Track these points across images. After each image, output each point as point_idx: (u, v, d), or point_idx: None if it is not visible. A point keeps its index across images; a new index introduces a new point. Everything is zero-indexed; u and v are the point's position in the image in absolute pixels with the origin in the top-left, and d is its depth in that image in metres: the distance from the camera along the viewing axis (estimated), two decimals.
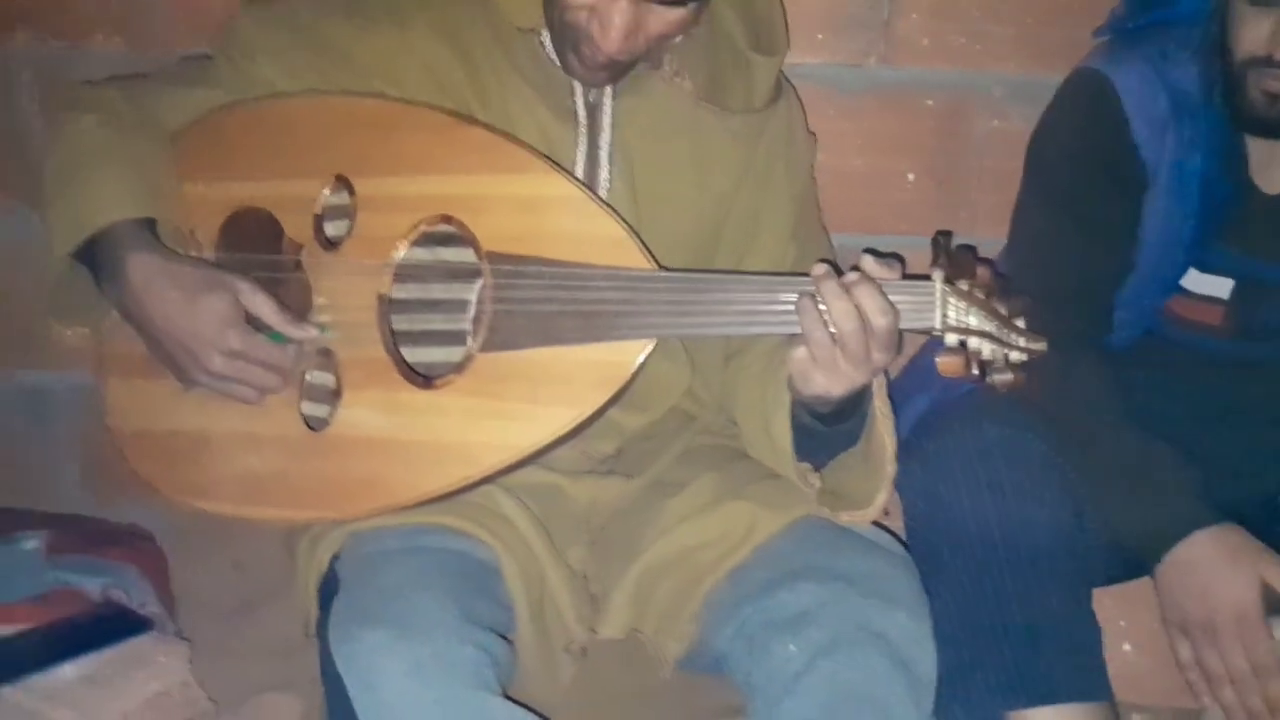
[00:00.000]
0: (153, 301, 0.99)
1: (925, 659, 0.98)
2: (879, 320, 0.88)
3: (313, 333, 1.03)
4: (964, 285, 0.88)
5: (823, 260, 0.93)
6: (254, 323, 1.01)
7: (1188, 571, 1.07)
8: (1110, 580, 1.19)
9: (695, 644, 1.07)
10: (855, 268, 0.91)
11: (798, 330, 0.91)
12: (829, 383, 0.92)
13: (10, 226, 1.41)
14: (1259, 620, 1.05)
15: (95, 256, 1.02)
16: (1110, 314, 1.22)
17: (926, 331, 0.89)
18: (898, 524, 1.18)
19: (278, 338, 1.01)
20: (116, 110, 1.08)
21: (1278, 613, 1.06)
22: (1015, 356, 0.88)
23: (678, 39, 1.07)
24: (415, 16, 1.09)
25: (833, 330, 0.89)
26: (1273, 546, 1.16)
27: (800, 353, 0.92)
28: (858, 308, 0.88)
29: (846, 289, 0.88)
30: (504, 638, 1.00)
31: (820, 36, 1.44)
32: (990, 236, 1.46)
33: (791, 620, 0.98)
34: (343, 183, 1.04)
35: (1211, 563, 1.06)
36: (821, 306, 0.89)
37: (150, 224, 1.03)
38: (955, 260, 0.88)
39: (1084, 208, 1.19)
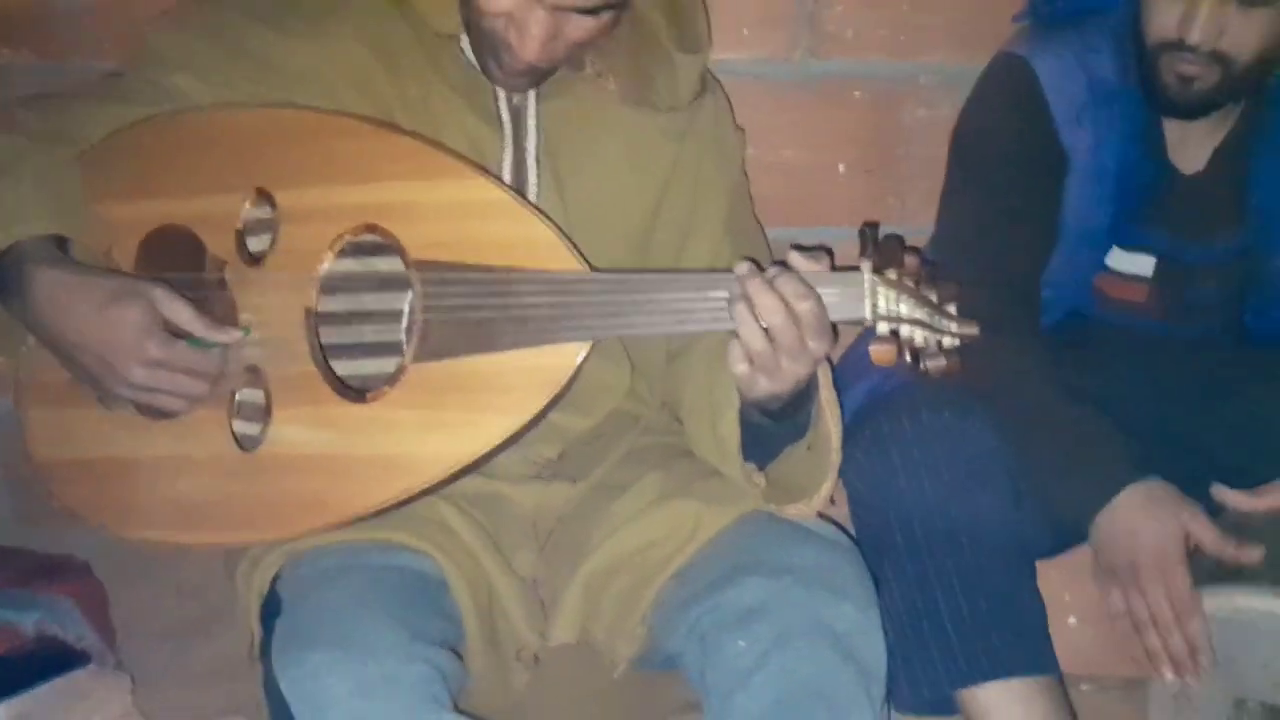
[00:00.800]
0: (62, 316, 0.96)
1: (873, 649, 0.98)
2: (801, 305, 0.89)
3: (235, 335, 1.00)
4: (892, 274, 0.88)
5: (753, 257, 0.93)
6: (173, 330, 0.98)
7: (1118, 519, 1.10)
8: (1051, 553, 1.21)
9: (647, 645, 1.07)
10: (782, 263, 0.92)
11: (730, 326, 0.92)
12: (773, 384, 0.93)
13: None
14: (1179, 561, 1.08)
15: (2, 279, 0.98)
16: (1037, 294, 1.24)
17: (858, 322, 0.90)
18: (842, 511, 1.19)
19: (196, 344, 0.99)
20: (27, 129, 1.04)
21: (1207, 581, 1.09)
22: (947, 342, 0.89)
23: (598, 43, 1.06)
24: (337, 23, 1.07)
25: (768, 329, 0.89)
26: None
27: (741, 367, 0.92)
28: (781, 298, 0.88)
29: (769, 283, 0.89)
30: (454, 650, 0.99)
31: (746, 31, 1.45)
32: (922, 225, 1.48)
33: (741, 617, 0.98)
34: (264, 196, 1.02)
35: (1137, 509, 1.10)
36: (754, 310, 0.89)
37: (60, 242, 1.00)
38: (883, 250, 0.89)
39: (1008, 192, 1.21)
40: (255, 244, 1.04)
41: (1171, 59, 1.12)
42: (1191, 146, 1.23)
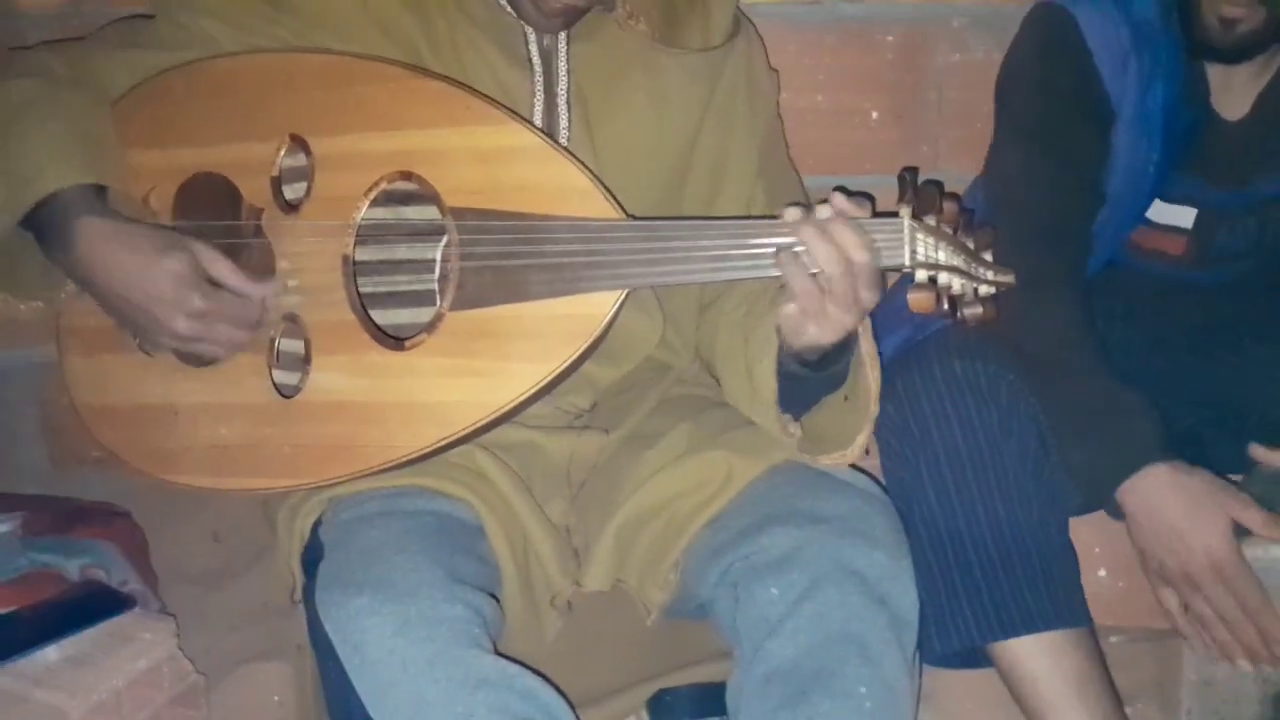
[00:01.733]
0: (108, 268, 0.97)
1: (905, 597, 0.99)
2: (860, 256, 0.88)
3: (273, 287, 1.01)
4: (931, 221, 0.87)
5: (789, 200, 0.92)
6: (213, 283, 0.99)
7: (1156, 519, 1.08)
8: (1083, 510, 1.21)
9: (679, 592, 1.08)
10: (824, 202, 0.91)
11: (768, 274, 0.91)
12: (820, 331, 0.92)
13: None
14: (1238, 564, 1.06)
15: (40, 225, 0.99)
16: (1089, 247, 1.22)
17: (896, 268, 0.89)
18: (873, 462, 1.20)
19: None
20: (53, 74, 1.04)
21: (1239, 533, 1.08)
22: (984, 290, 0.89)
23: None
24: None
25: (819, 277, 0.88)
26: (1235, 466, 1.19)
27: (789, 308, 0.91)
28: (838, 247, 0.87)
29: (823, 230, 0.88)
30: (490, 595, 1.00)
31: None
32: (954, 170, 1.46)
33: (772, 564, 0.98)
34: (299, 143, 1.02)
35: (1179, 510, 1.07)
36: (800, 251, 0.88)
37: (98, 190, 1.00)
38: (922, 196, 0.88)
39: (1056, 142, 1.19)
40: (291, 192, 1.04)
41: (1215, 1, 1.09)
42: (1234, 92, 1.20)
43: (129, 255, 0.97)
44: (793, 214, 0.90)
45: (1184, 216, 1.25)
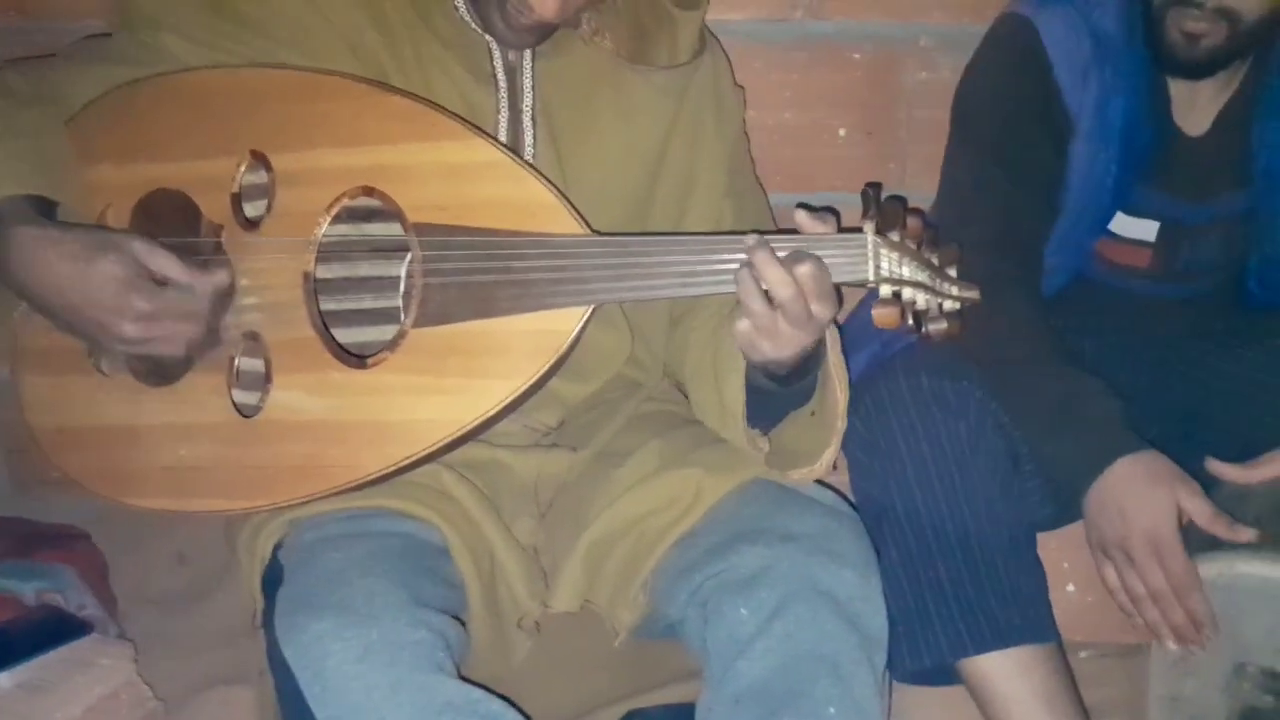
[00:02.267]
0: (44, 278, 0.93)
1: (875, 615, 0.98)
2: (800, 268, 0.88)
3: (222, 279, 0.98)
4: (895, 236, 0.88)
5: (754, 215, 0.91)
6: (157, 280, 0.96)
7: (1107, 494, 1.08)
8: (1052, 524, 1.21)
9: (648, 612, 1.07)
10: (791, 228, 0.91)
11: (734, 290, 0.91)
12: (775, 348, 0.92)
13: None
14: (1173, 541, 1.06)
15: None
16: (1040, 258, 1.23)
17: (860, 284, 0.89)
18: (842, 479, 1.19)
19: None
20: (11, 90, 1.02)
21: (1204, 549, 1.09)
22: (949, 305, 0.89)
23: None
24: None
25: (770, 294, 0.88)
26: (1200, 481, 1.19)
27: (743, 325, 0.91)
28: (792, 274, 0.87)
29: (769, 249, 0.88)
30: (456, 618, 0.99)
31: None
32: (923, 188, 1.47)
33: (742, 583, 0.98)
34: (259, 159, 1.01)
35: (1129, 485, 1.07)
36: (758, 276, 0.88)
37: (48, 208, 0.98)
38: (885, 212, 0.88)
39: (1011, 153, 1.20)
40: (251, 208, 1.02)
41: (1178, 15, 1.11)
42: (1196, 108, 1.21)
43: (63, 263, 0.93)
44: (750, 240, 0.90)
45: (1148, 230, 1.26)
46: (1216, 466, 1.15)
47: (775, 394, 1.01)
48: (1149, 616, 1.08)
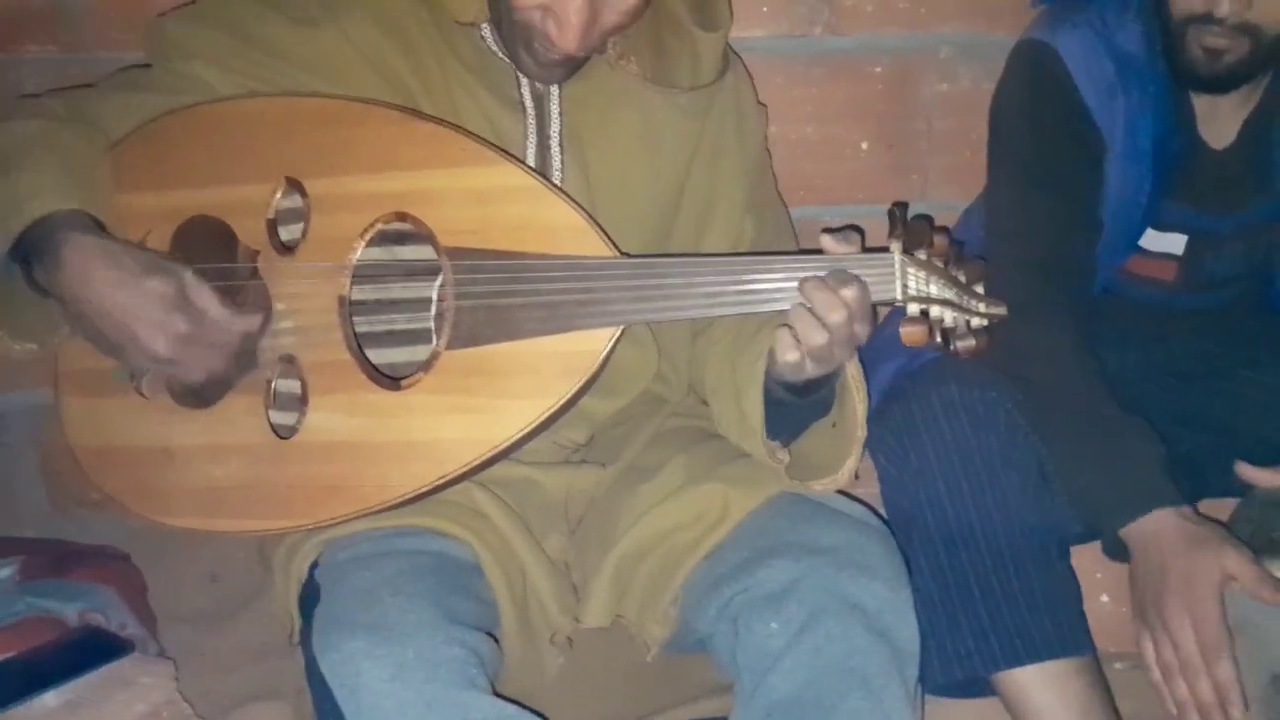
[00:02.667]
0: (93, 282, 0.95)
1: (905, 628, 0.99)
2: (857, 306, 0.90)
3: (255, 322, 1.00)
4: (922, 255, 0.88)
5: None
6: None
7: (1150, 550, 1.07)
8: (1083, 539, 1.21)
9: (678, 627, 1.08)
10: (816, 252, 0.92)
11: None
12: (818, 368, 0.95)
13: None
14: (1210, 603, 1.03)
15: (31, 249, 0.98)
16: (1090, 277, 1.23)
17: (888, 303, 0.90)
18: (871, 491, 1.20)
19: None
20: (55, 116, 1.06)
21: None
22: (976, 322, 0.89)
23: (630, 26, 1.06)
24: (352, 8, 1.07)
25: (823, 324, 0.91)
26: (1231, 490, 1.19)
27: (792, 356, 0.93)
28: (835, 295, 0.89)
29: (826, 283, 0.90)
30: (489, 634, 1.00)
31: (765, 9, 1.44)
32: (944, 198, 1.48)
33: (771, 598, 0.98)
34: (294, 185, 1.03)
35: (1173, 544, 1.06)
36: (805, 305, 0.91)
37: (96, 223, 1.00)
38: (912, 230, 0.89)
39: (1049, 175, 1.20)
40: (287, 233, 1.04)
41: (1199, 32, 1.11)
42: (1220, 121, 1.21)
43: (115, 272, 0.95)
44: (806, 281, 0.91)
45: (1175, 244, 1.26)
46: (1247, 471, 1.14)
47: (794, 406, 1.01)
48: (1177, 693, 1.05)
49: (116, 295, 0.95)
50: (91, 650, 1.10)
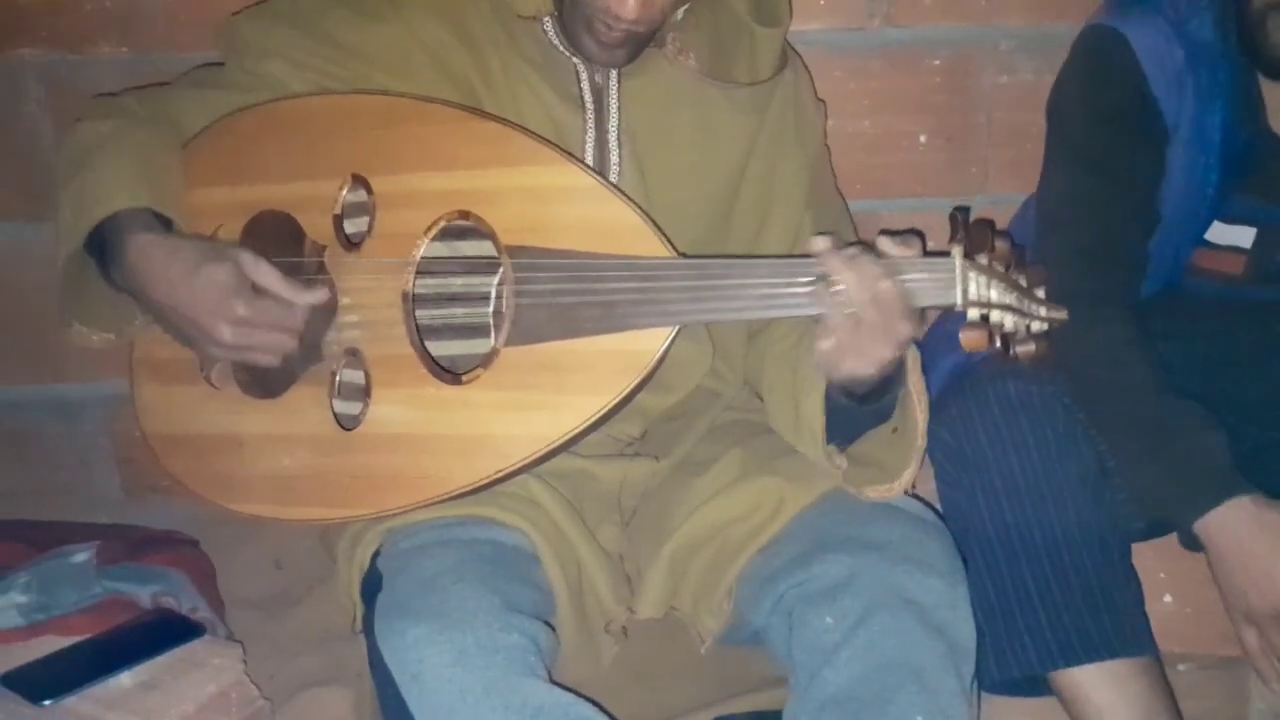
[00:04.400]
0: (156, 281, 0.99)
1: (961, 624, 0.98)
2: (884, 285, 0.88)
3: (320, 296, 1.02)
4: (983, 259, 0.87)
5: (835, 231, 0.92)
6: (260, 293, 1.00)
7: (1243, 556, 1.06)
8: (1145, 536, 1.19)
9: (732, 619, 1.09)
10: (866, 244, 0.91)
11: (815, 311, 0.92)
12: (856, 364, 0.92)
13: (38, 239, 1.42)
14: None
15: (102, 246, 1.02)
16: (1144, 268, 1.21)
17: (949, 308, 0.89)
18: (928, 488, 1.19)
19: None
20: (130, 114, 1.09)
21: None
22: (1036, 327, 0.88)
23: (683, 10, 1.06)
24: (416, 5, 1.09)
25: (850, 309, 0.89)
26: None
27: (825, 344, 0.92)
28: (861, 277, 0.88)
29: (849, 261, 0.88)
30: (546, 623, 1.02)
31: (823, 1, 1.43)
32: (1004, 192, 1.46)
33: (826, 592, 0.99)
34: (360, 181, 1.05)
35: (1269, 547, 1.05)
36: (835, 289, 0.89)
37: (164, 222, 1.04)
38: (973, 235, 0.88)
39: (1109, 163, 1.18)
40: (352, 228, 1.07)
41: None
42: None
43: (174, 265, 0.98)
44: (819, 244, 0.90)
45: (1243, 236, 1.23)
46: None
47: (854, 412, 1.01)
48: None
49: (177, 289, 0.98)
50: (165, 632, 1.13)
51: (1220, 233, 1.22)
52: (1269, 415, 1.24)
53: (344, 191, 1.05)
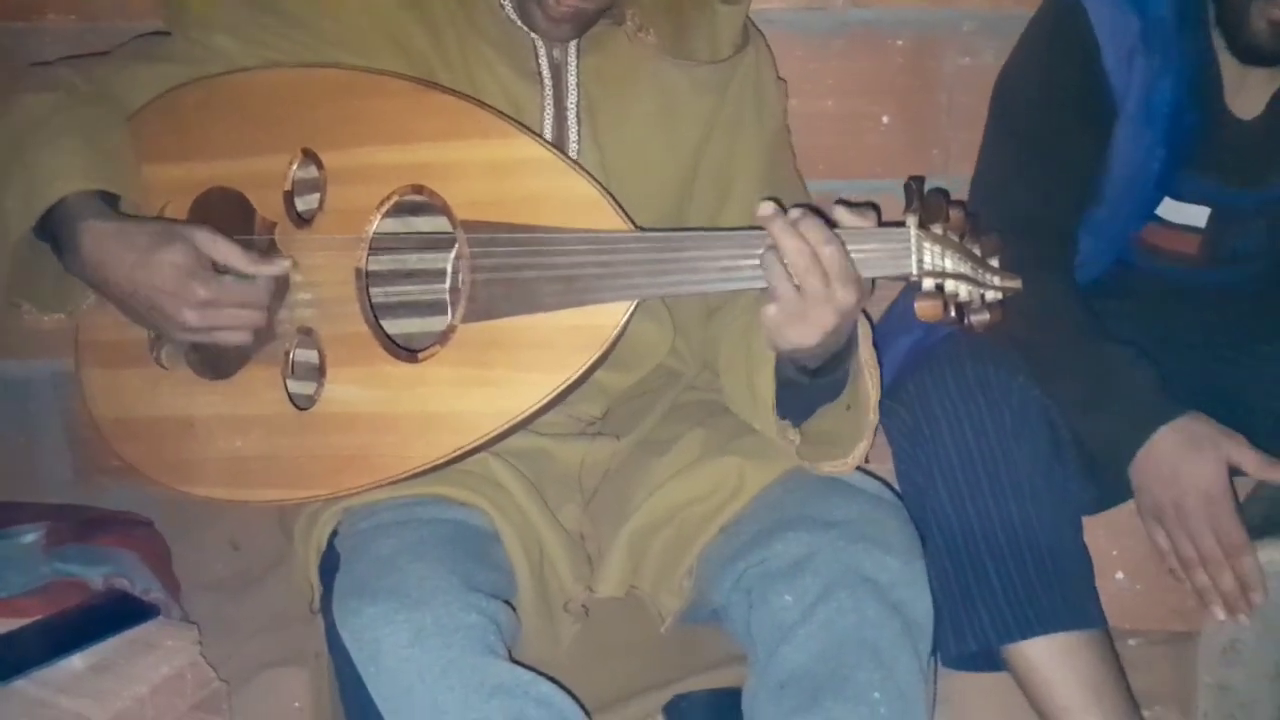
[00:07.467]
0: (112, 267, 0.97)
1: (918, 601, 0.99)
2: (824, 250, 0.87)
3: (283, 265, 1.01)
4: (938, 229, 0.88)
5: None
6: (219, 269, 0.99)
7: (1157, 459, 1.09)
8: (1096, 508, 1.21)
9: (693, 598, 1.09)
10: (815, 209, 0.91)
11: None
12: (800, 332, 0.91)
13: None
14: (1225, 499, 1.07)
15: (52, 232, 1.00)
16: (1072, 242, 1.23)
17: (904, 278, 0.90)
18: (886, 467, 1.20)
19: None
20: (73, 89, 1.06)
21: (1254, 537, 1.08)
22: (991, 296, 0.89)
23: None
24: None
25: (793, 276, 0.88)
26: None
27: (769, 310, 0.91)
28: (805, 241, 0.87)
29: (792, 225, 0.88)
30: (506, 602, 1.01)
31: None
32: (965, 174, 1.45)
33: (786, 570, 0.99)
34: (310, 157, 1.03)
35: (1177, 448, 1.08)
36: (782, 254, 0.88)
37: (110, 199, 1.01)
38: (928, 205, 0.88)
39: (1048, 140, 1.19)
40: (303, 204, 1.05)
41: (1266, 5, 1.09)
42: (1249, 91, 1.19)
43: (128, 252, 0.96)
44: (765, 209, 0.89)
45: (1198, 216, 1.24)
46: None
47: (806, 387, 1.01)
48: (1198, 581, 1.09)
49: (135, 277, 0.96)
50: (116, 614, 1.12)
51: (1174, 210, 1.24)
52: (1216, 397, 1.26)
53: (294, 167, 1.04)
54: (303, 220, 1.04)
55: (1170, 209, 1.23)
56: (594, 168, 1.07)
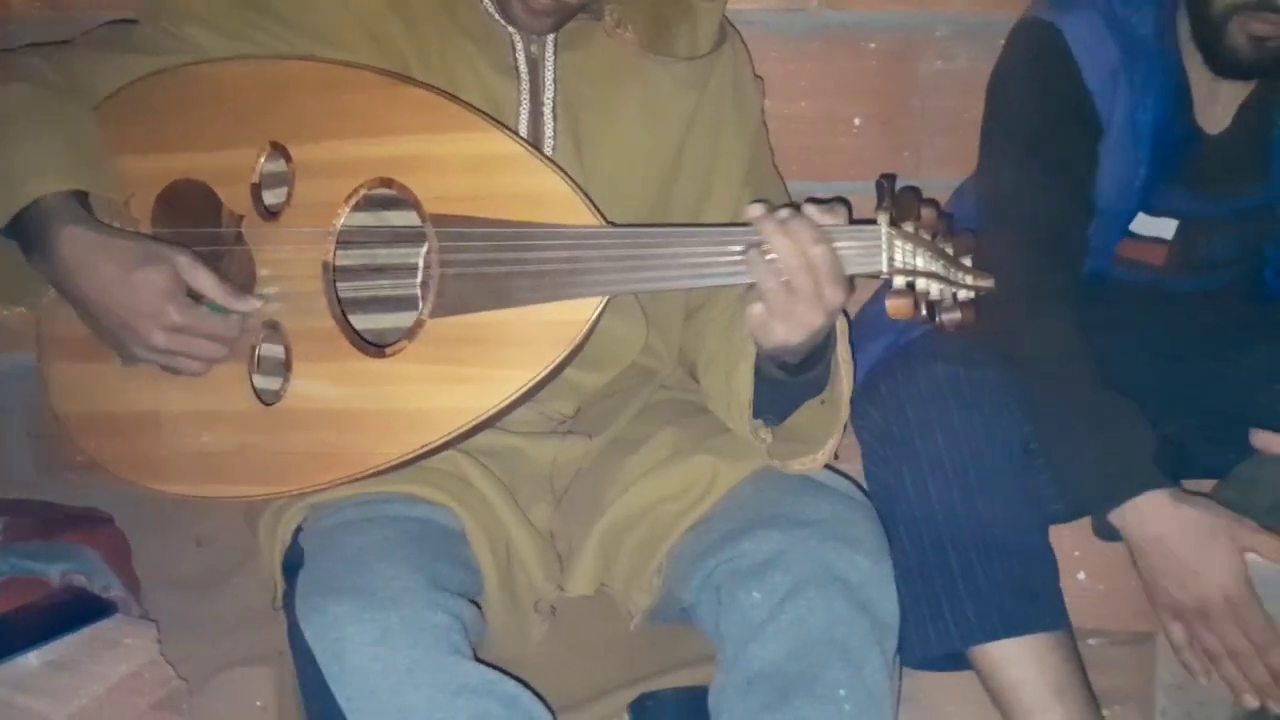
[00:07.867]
0: (87, 277, 0.96)
1: (886, 601, 0.99)
2: (817, 250, 0.88)
3: (255, 304, 1.01)
4: (909, 227, 0.88)
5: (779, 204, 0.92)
6: (194, 295, 0.99)
7: (1166, 552, 1.08)
8: (1065, 518, 1.21)
9: (662, 596, 1.09)
10: (796, 207, 0.91)
11: (749, 280, 0.91)
12: (787, 331, 0.92)
13: None
14: (1250, 599, 1.06)
15: (22, 230, 0.98)
16: (1083, 257, 1.23)
17: (874, 275, 0.90)
18: (855, 467, 1.20)
19: (216, 308, 0.99)
20: (43, 80, 1.04)
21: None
22: (963, 294, 0.89)
23: None
24: None
25: (783, 275, 0.89)
26: (1217, 472, 1.20)
27: (756, 308, 0.91)
28: (795, 241, 0.88)
29: (783, 225, 0.88)
30: (473, 601, 1.01)
31: None
32: (938, 178, 1.47)
33: (755, 568, 0.99)
34: (279, 150, 1.02)
35: (1190, 544, 1.07)
36: (768, 255, 0.89)
37: (81, 196, 1.00)
38: (899, 202, 0.88)
39: (1051, 153, 1.19)
40: (271, 198, 1.04)
41: (1244, 19, 1.10)
42: (1217, 106, 1.21)
43: (109, 267, 0.96)
44: (754, 210, 0.90)
45: (1166, 228, 1.25)
46: (1262, 438, 1.14)
47: (786, 384, 1.01)
48: (1228, 674, 1.09)
49: (110, 290, 0.96)
50: (74, 611, 1.11)
51: (1144, 224, 1.25)
52: (1187, 403, 1.27)
53: (262, 160, 1.02)
54: (270, 214, 1.03)
55: (1141, 223, 1.25)
56: (570, 163, 1.06)
